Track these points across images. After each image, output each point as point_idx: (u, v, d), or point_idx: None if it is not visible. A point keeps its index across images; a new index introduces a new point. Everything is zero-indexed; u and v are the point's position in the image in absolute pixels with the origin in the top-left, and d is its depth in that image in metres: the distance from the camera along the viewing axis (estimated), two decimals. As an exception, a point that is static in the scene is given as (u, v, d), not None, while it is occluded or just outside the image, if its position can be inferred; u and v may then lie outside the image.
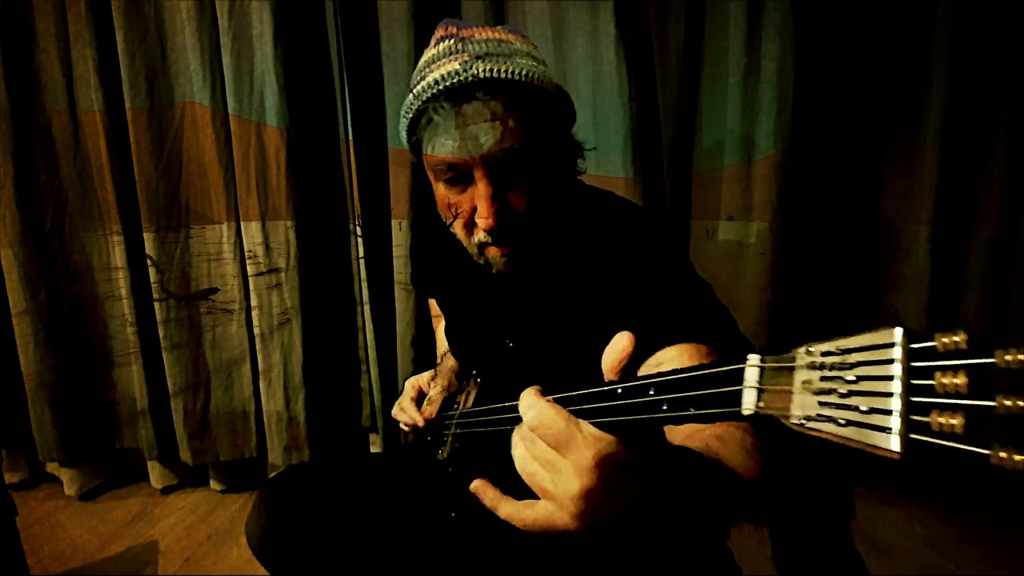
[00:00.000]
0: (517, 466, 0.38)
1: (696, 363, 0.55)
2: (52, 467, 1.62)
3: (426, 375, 0.88)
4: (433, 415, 0.80)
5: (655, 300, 0.59)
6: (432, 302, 1.04)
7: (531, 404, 0.37)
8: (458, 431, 0.74)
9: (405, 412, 0.82)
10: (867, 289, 1.39)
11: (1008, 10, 1.20)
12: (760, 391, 0.28)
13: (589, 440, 0.34)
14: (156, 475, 1.59)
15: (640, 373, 0.56)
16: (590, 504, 0.34)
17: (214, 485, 1.60)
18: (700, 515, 0.41)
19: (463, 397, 0.79)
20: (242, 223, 1.40)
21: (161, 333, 1.44)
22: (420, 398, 0.84)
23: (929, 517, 1.34)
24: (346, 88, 1.36)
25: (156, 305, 1.43)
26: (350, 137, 1.38)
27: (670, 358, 0.55)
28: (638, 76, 1.27)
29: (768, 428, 0.27)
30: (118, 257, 1.44)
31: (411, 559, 0.71)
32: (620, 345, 0.37)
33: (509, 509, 0.39)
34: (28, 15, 1.34)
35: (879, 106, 1.30)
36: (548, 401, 0.36)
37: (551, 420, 0.35)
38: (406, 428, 0.84)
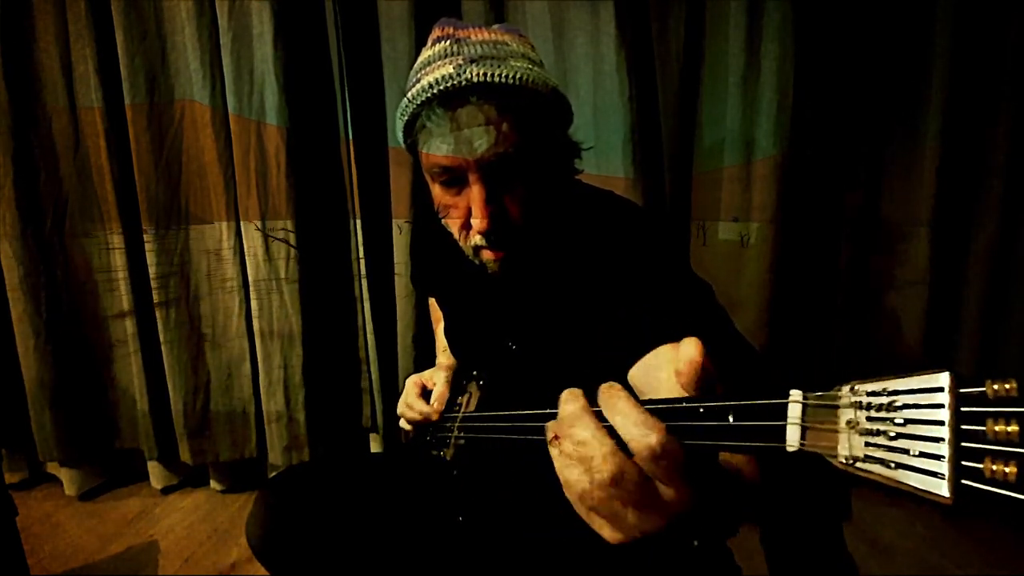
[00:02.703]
0: (575, 477, 0.34)
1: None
2: (52, 467, 1.62)
3: (426, 373, 0.88)
4: (442, 408, 0.80)
5: (653, 300, 0.59)
6: (432, 302, 1.04)
7: (653, 428, 0.32)
8: (461, 433, 0.74)
9: (413, 408, 0.81)
10: (867, 289, 1.39)
11: (1008, 10, 1.20)
12: (804, 428, 0.28)
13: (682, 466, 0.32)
14: (156, 475, 1.59)
15: (637, 372, 0.57)
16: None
17: (214, 485, 1.60)
18: (719, 519, 0.41)
19: (465, 398, 0.79)
20: (242, 223, 1.40)
21: (161, 333, 1.44)
22: (424, 394, 0.84)
23: (929, 517, 1.34)
24: (346, 88, 1.36)
25: (156, 305, 1.43)
26: (350, 137, 1.38)
27: (667, 359, 0.55)
28: (638, 76, 1.27)
29: (810, 465, 0.27)
30: (118, 257, 1.43)
31: (413, 560, 0.70)
32: (690, 355, 0.34)
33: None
34: (28, 14, 1.34)
35: (879, 106, 1.30)
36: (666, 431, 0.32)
37: (676, 452, 0.32)
38: (408, 427, 0.84)
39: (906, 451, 0.24)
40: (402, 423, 0.84)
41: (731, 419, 0.31)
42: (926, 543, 1.28)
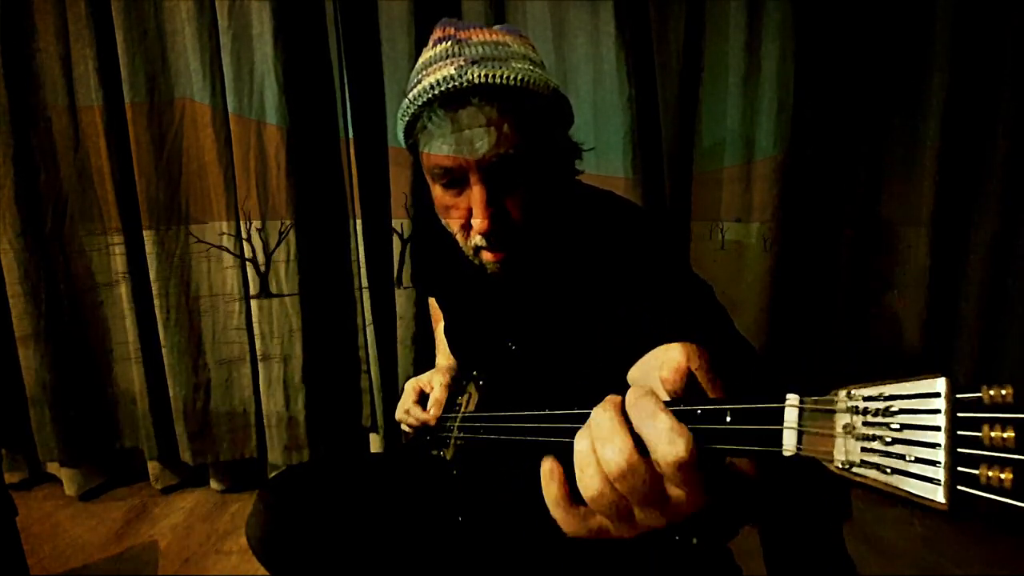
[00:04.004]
0: (589, 474, 0.34)
1: (691, 365, 0.55)
2: (52, 467, 1.62)
3: (424, 376, 0.88)
4: (439, 414, 0.80)
5: (653, 300, 0.59)
6: (432, 302, 1.04)
7: (682, 433, 0.31)
8: (461, 433, 0.74)
9: (411, 414, 0.81)
10: (867, 289, 1.39)
11: (1008, 10, 1.20)
12: (801, 433, 0.28)
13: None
14: (156, 475, 1.59)
15: (635, 373, 0.57)
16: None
17: (214, 485, 1.60)
18: (722, 518, 0.40)
19: (464, 398, 0.79)
20: (242, 223, 1.40)
21: (161, 333, 1.44)
22: (422, 399, 0.84)
23: (928, 517, 1.34)
24: (346, 88, 1.36)
25: (156, 305, 1.43)
26: (350, 137, 1.38)
27: (666, 359, 0.54)
28: (638, 76, 1.27)
29: (807, 469, 0.27)
30: (118, 256, 1.43)
31: (413, 560, 0.71)
32: (676, 361, 0.36)
33: (566, 514, 0.36)
34: (28, 14, 1.34)
35: (879, 106, 1.30)
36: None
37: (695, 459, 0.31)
38: (409, 430, 0.84)
39: (902, 456, 0.24)
40: (402, 427, 0.85)
41: (728, 420, 0.31)
42: (926, 543, 1.28)
